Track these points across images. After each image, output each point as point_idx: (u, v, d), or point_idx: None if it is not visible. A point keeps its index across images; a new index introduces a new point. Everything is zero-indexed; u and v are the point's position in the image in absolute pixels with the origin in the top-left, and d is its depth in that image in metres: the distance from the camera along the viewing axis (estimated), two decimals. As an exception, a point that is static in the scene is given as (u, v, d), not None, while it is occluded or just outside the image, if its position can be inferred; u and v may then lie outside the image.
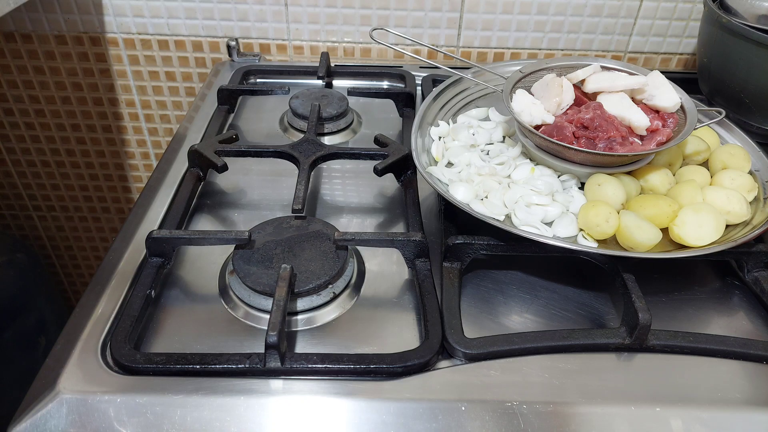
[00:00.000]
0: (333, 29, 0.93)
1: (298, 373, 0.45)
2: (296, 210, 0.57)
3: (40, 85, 1.00)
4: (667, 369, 0.48)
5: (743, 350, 0.48)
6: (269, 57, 0.96)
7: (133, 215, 0.62)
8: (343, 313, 0.52)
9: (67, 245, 1.25)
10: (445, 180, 0.59)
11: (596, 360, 0.48)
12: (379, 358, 0.46)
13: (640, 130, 0.59)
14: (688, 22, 0.91)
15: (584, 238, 0.54)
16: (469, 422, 0.43)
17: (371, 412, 0.43)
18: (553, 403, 0.44)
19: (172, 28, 0.93)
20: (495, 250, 0.54)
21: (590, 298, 0.55)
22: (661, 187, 0.58)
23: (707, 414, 0.44)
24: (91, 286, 0.53)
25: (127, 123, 1.05)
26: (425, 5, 0.90)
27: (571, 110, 0.61)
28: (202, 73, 0.98)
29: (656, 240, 0.51)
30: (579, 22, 0.91)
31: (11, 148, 1.09)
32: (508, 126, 0.68)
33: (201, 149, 0.65)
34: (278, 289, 0.48)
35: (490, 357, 0.47)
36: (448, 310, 0.50)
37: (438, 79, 0.83)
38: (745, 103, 0.70)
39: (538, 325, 0.52)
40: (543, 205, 0.56)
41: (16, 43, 0.95)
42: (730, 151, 0.62)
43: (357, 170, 0.70)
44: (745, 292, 0.56)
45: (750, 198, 0.58)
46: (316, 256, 0.53)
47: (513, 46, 0.94)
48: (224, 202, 0.65)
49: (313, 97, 0.79)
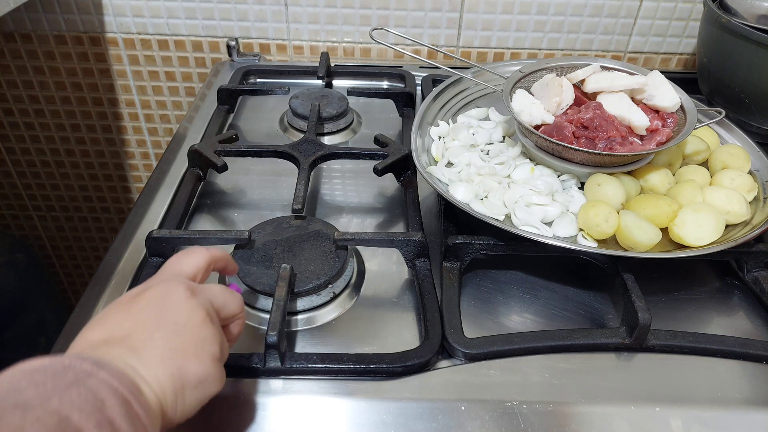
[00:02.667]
0: (333, 29, 0.93)
1: (298, 372, 0.45)
2: (296, 210, 0.57)
3: (40, 85, 1.00)
4: (667, 369, 0.48)
5: (743, 350, 0.48)
6: (269, 57, 0.96)
7: (133, 215, 0.62)
8: (343, 313, 0.52)
9: (67, 245, 1.25)
10: (445, 180, 0.59)
11: (596, 360, 0.48)
12: (379, 357, 0.46)
13: (640, 130, 0.59)
14: (688, 22, 0.91)
15: (584, 238, 0.54)
16: (469, 422, 0.43)
17: (371, 412, 0.43)
18: (553, 402, 0.44)
19: (172, 28, 0.93)
20: (495, 250, 0.54)
21: (590, 298, 0.55)
22: (661, 187, 0.58)
23: (707, 414, 0.44)
24: (91, 286, 0.53)
25: (127, 123, 1.05)
26: (425, 5, 0.90)
27: (571, 110, 0.61)
28: (202, 73, 0.98)
29: (656, 240, 0.51)
30: (579, 22, 0.91)
31: (11, 148, 1.09)
32: (508, 126, 0.68)
33: (201, 149, 0.65)
34: (278, 288, 0.48)
35: (490, 357, 0.47)
36: (448, 309, 0.50)
37: (438, 79, 0.83)
38: (745, 103, 0.71)
39: (538, 325, 0.52)
40: (543, 205, 0.56)
41: (16, 43, 0.95)
42: (730, 151, 0.62)
43: (357, 170, 0.70)
44: (745, 292, 0.56)
45: (750, 198, 0.58)
46: (316, 255, 0.53)
47: (513, 46, 0.94)
48: (224, 202, 0.65)
49: (313, 97, 0.79)
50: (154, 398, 0.32)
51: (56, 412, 0.26)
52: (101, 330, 0.35)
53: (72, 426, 0.26)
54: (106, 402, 0.29)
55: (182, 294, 0.37)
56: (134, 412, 0.30)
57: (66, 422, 0.26)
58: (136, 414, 0.30)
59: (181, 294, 0.37)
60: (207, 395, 0.36)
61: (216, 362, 0.37)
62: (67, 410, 0.27)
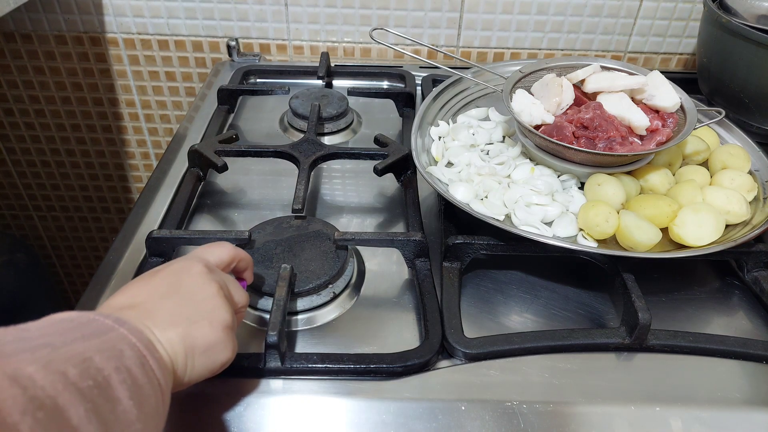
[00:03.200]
0: (333, 29, 0.93)
1: (298, 372, 0.45)
2: (296, 210, 0.57)
3: (40, 85, 1.00)
4: (667, 369, 0.48)
5: (743, 350, 0.48)
6: (269, 57, 0.96)
7: (133, 215, 0.62)
8: (343, 313, 0.52)
9: (67, 245, 1.25)
10: (445, 180, 0.59)
11: (596, 360, 0.48)
12: (379, 357, 0.46)
13: (640, 130, 0.59)
14: (688, 22, 0.91)
15: (584, 238, 0.54)
16: (469, 422, 0.43)
17: (371, 411, 0.43)
18: (553, 402, 0.44)
19: (172, 28, 0.93)
20: (495, 250, 0.54)
21: (590, 298, 0.55)
22: (661, 187, 0.58)
23: (707, 414, 0.44)
24: (91, 286, 0.53)
25: (127, 123, 1.06)
26: (425, 5, 0.90)
27: (570, 110, 0.61)
28: (202, 73, 0.98)
29: (656, 240, 0.51)
30: (579, 22, 0.91)
31: (11, 148, 1.09)
32: (508, 126, 0.68)
33: (201, 149, 0.65)
34: (278, 288, 0.48)
35: (490, 357, 0.47)
36: (448, 309, 0.50)
37: (438, 79, 0.83)
38: (745, 103, 0.71)
39: (538, 325, 0.52)
40: (543, 204, 0.56)
41: (16, 43, 0.95)
42: (730, 151, 0.62)
43: (357, 170, 0.70)
44: (744, 292, 0.56)
45: (750, 198, 0.58)
46: (316, 256, 0.53)
47: (513, 46, 0.94)
48: (224, 202, 0.65)
49: (313, 97, 0.79)
50: (167, 357, 0.35)
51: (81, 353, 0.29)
52: (123, 297, 0.38)
53: (94, 366, 0.29)
54: (125, 353, 0.31)
55: (199, 268, 0.40)
56: (149, 366, 0.32)
57: (89, 362, 0.29)
58: (151, 368, 0.32)
59: (198, 268, 0.40)
60: (217, 362, 0.38)
61: (227, 330, 0.39)
62: (91, 353, 0.29)
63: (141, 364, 0.32)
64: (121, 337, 0.32)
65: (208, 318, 0.38)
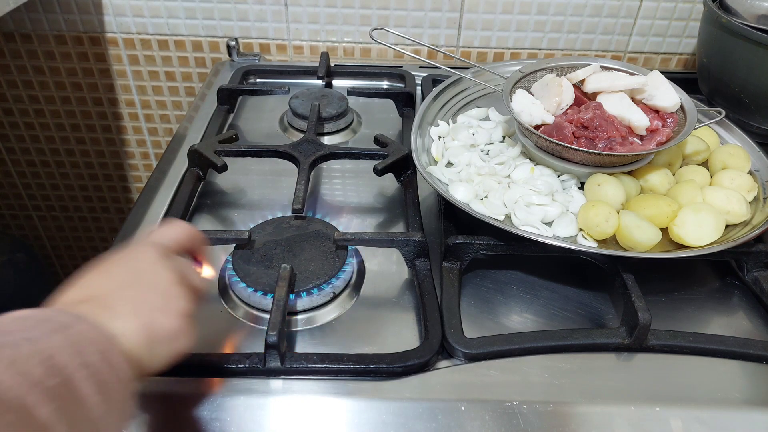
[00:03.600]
0: (333, 29, 0.93)
1: (298, 372, 0.45)
2: (296, 210, 0.57)
3: (40, 85, 1.00)
4: (667, 369, 0.48)
5: (743, 350, 0.48)
6: (269, 57, 0.96)
7: (133, 215, 0.62)
8: (343, 313, 0.52)
9: (67, 245, 1.25)
10: (444, 180, 0.59)
11: (596, 360, 0.48)
12: (379, 357, 0.46)
13: (640, 130, 0.59)
14: (688, 22, 0.91)
15: (584, 238, 0.54)
16: (469, 422, 0.43)
17: (371, 411, 0.43)
18: (553, 402, 0.44)
19: (172, 28, 0.93)
20: (495, 250, 0.54)
21: (590, 298, 0.55)
22: (661, 187, 0.58)
23: (707, 414, 0.44)
24: (91, 286, 0.53)
25: (126, 123, 1.05)
26: (425, 5, 0.90)
27: (570, 110, 0.61)
28: (201, 73, 0.98)
29: (656, 240, 0.51)
30: (579, 22, 0.91)
31: (11, 148, 1.09)
32: (508, 126, 0.68)
33: (201, 149, 0.65)
34: (278, 288, 0.48)
35: (489, 357, 0.47)
36: (448, 309, 0.50)
37: (438, 79, 0.83)
38: (745, 103, 0.71)
39: (538, 325, 0.52)
40: (543, 204, 0.56)
41: (15, 43, 0.95)
42: (730, 151, 0.62)
43: (357, 170, 0.70)
44: (744, 292, 0.56)
45: (750, 198, 0.58)
46: (315, 256, 0.53)
47: (513, 46, 0.94)
48: (224, 202, 0.65)
49: (313, 97, 0.79)
50: (129, 349, 0.34)
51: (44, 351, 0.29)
52: (79, 290, 0.37)
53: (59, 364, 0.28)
54: (87, 348, 0.31)
55: (153, 256, 0.40)
56: (113, 360, 0.32)
57: (51, 360, 0.28)
58: (115, 362, 0.32)
59: (152, 256, 0.40)
60: (177, 349, 0.38)
61: (186, 318, 0.39)
62: (54, 350, 0.29)
63: (104, 358, 0.31)
64: (81, 334, 0.32)
65: (168, 307, 0.38)
